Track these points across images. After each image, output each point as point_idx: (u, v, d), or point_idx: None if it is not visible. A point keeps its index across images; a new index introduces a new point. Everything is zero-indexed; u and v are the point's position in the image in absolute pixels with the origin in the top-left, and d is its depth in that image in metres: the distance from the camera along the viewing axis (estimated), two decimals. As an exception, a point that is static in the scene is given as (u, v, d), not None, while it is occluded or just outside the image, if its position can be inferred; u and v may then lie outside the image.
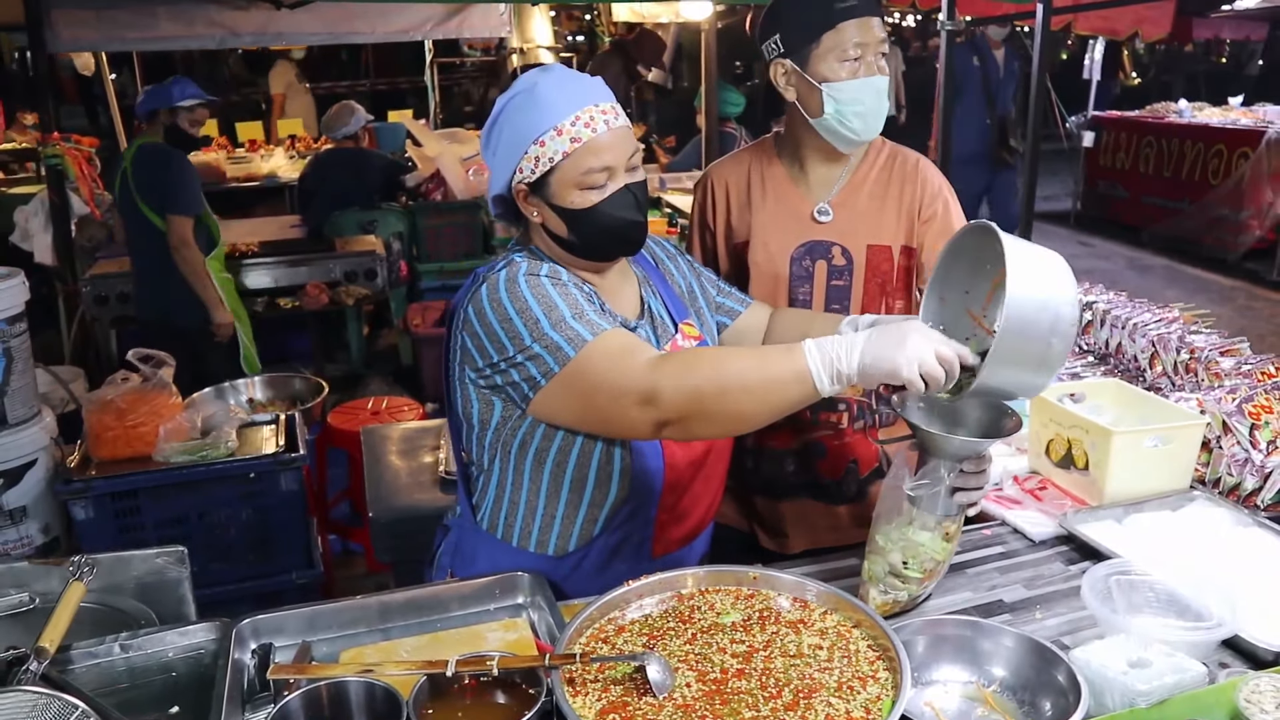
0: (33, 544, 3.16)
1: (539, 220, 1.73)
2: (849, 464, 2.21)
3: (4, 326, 3.04)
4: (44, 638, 1.51)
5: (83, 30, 5.82)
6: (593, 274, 1.80)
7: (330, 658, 1.62)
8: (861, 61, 1.94)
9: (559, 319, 1.58)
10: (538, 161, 1.65)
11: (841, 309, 2.10)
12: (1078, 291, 1.53)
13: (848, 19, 1.92)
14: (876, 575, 1.73)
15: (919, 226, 2.11)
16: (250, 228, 6.72)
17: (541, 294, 1.62)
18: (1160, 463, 2.18)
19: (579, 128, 1.63)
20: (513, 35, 8.35)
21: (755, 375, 1.46)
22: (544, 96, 1.65)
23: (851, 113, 1.96)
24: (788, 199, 2.13)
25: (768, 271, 2.11)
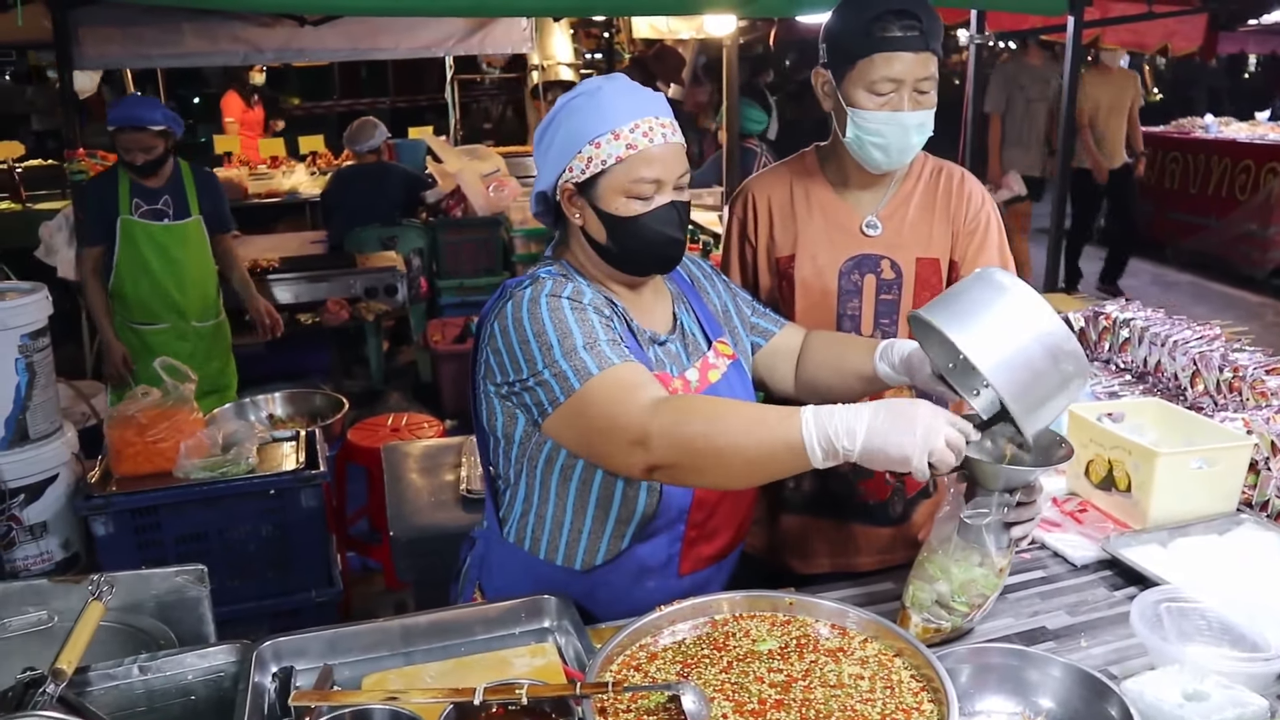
0: (53, 559, 3.14)
1: (579, 223, 1.72)
2: (896, 484, 2.15)
3: (26, 341, 3.02)
4: (61, 659, 1.47)
5: (108, 47, 5.86)
6: (624, 287, 1.78)
7: (352, 682, 1.57)
8: (896, 95, 1.88)
9: (571, 347, 1.57)
10: (590, 162, 1.64)
11: (891, 323, 2.07)
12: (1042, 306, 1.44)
13: (884, 51, 1.85)
14: (922, 603, 1.67)
15: (963, 239, 2.08)
16: (272, 243, 6.73)
17: (559, 319, 1.60)
18: (1206, 485, 2.12)
19: (637, 135, 1.63)
20: (533, 52, 8.37)
21: (748, 438, 1.42)
22: (606, 100, 1.66)
23: (870, 143, 1.93)
24: (834, 212, 2.08)
25: (815, 286, 2.07)
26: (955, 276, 2.09)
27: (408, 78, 14.60)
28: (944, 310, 1.46)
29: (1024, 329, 1.41)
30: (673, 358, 1.78)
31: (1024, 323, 1.42)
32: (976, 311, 1.44)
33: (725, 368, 1.82)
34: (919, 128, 1.92)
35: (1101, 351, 3.04)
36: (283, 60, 8.17)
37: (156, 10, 5.68)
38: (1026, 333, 1.41)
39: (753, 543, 2.22)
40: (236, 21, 5.91)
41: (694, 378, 1.77)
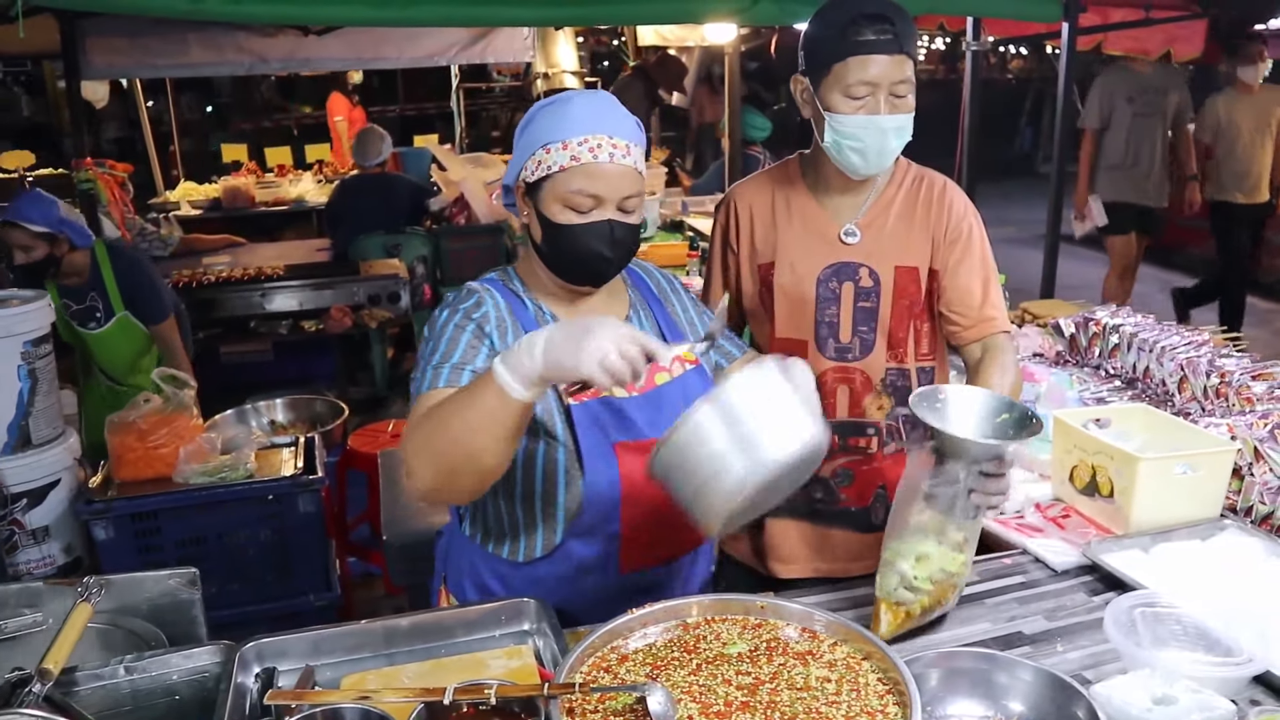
0: (55, 564, 3.18)
1: (524, 220, 1.82)
2: (878, 489, 2.16)
3: (29, 348, 3.07)
4: (48, 659, 1.50)
5: (116, 57, 5.93)
6: (567, 292, 1.82)
7: (333, 683, 1.60)
8: (872, 99, 1.90)
9: (435, 359, 1.69)
10: (539, 166, 1.72)
11: (869, 330, 2.08)
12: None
13: (859, 54, 1.87)
14: (887, 589, 1.71)
15: (943, 249, 2.08)
16: (277, 251, 6.79)
17: (442, 329, 1.73)
18: (1189, 490, 2.13)
19: (584, 149, 1.68)
20: (537, 60, 8.41)
21: (466, 409, 1.49)
22: (570, 111, 1.72)
23: (848, 147, 1.94)
24: (813, 220, 2.10)
25: (794, 294, 2.09)
26: (935, 285, 2.09)
27: (416, 86, 14.68)
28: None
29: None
30: None
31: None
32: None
33: (680, 371, 1.85)
34: (896, 131, 1.93)
35: (1091, 357, 3.05)
36: (288, 70, 8.24)
37: (163, 21, 5.74)
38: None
39: (736, 547, 2.25)
40: (241, 32, 5.97)
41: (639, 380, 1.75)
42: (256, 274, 5.79)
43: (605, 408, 1.77)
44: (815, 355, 2.09)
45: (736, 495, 1.37)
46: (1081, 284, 8.25)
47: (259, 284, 5.68)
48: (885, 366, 2.09)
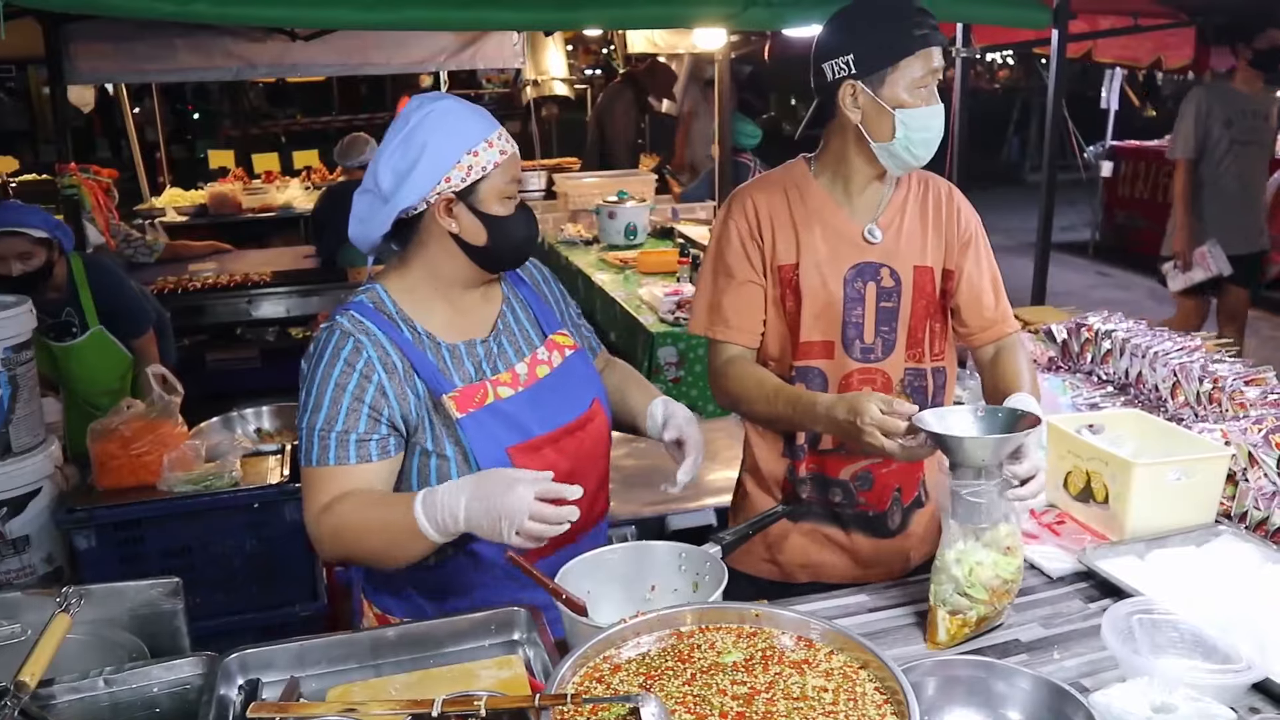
0: (35, 573, 3.13)
1: (454, 230, 1.80)
2: (895, 492, 2.15)
3: (9, 354, 3.03)
4: (24, 671, 1.47)
5: (101, 62, 5.90)
6: (458, 295, 1.89)
7: (319, 694, 1.56)
8: (928, 89, 1.95)
9: (321, 425, 1.74)
10: (470, 170, 1.76)
11: (890, 330, 2.07)
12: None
13: (926, 46, 1.92)
14: (943, 597, 1.72)
15: (957, 251, 2.11)
16: (264, 258, 6.75)
17: (321, 384, 1.75)
18: (1184, 496, 2.11)
19: (503, 143, 1.80)
20: (527, 67, 8.39)
21: (383, 536, 1.67)
22: (464, 114, 1.80)
23: (920, 139, 1.96)
24: (833, 220, 2.08)
25: (821, 295, 2.06)
26: (950, 286, 2.11)
27: (406, 93, 14.66)
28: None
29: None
30: (493, 356, 1.88)
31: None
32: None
33: (560, 360, 1.96)
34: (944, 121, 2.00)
35: (1084, 363, 3.04)
36: (275, 75, 8.24)
37: (149, 26, 5.71)
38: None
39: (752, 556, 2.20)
40: (229, 37, 5.95)
41: (523, 371, 1.90)
42: (243, 280, 5.76)
43: (493, 415, 1.81)
44: (842, 357, 2.08)
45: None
46: (1068, 291, 8.29)
47: (246, 290, 5.65)
48: (904, 367, 2.09)
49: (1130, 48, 6.40)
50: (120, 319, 4.06)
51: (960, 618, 1.73)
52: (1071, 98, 6.83)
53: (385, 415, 1.76)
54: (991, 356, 2.15)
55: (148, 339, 4.14)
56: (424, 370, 1.79)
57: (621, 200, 6.14)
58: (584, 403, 1.94)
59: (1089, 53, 6.35)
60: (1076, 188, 11.44)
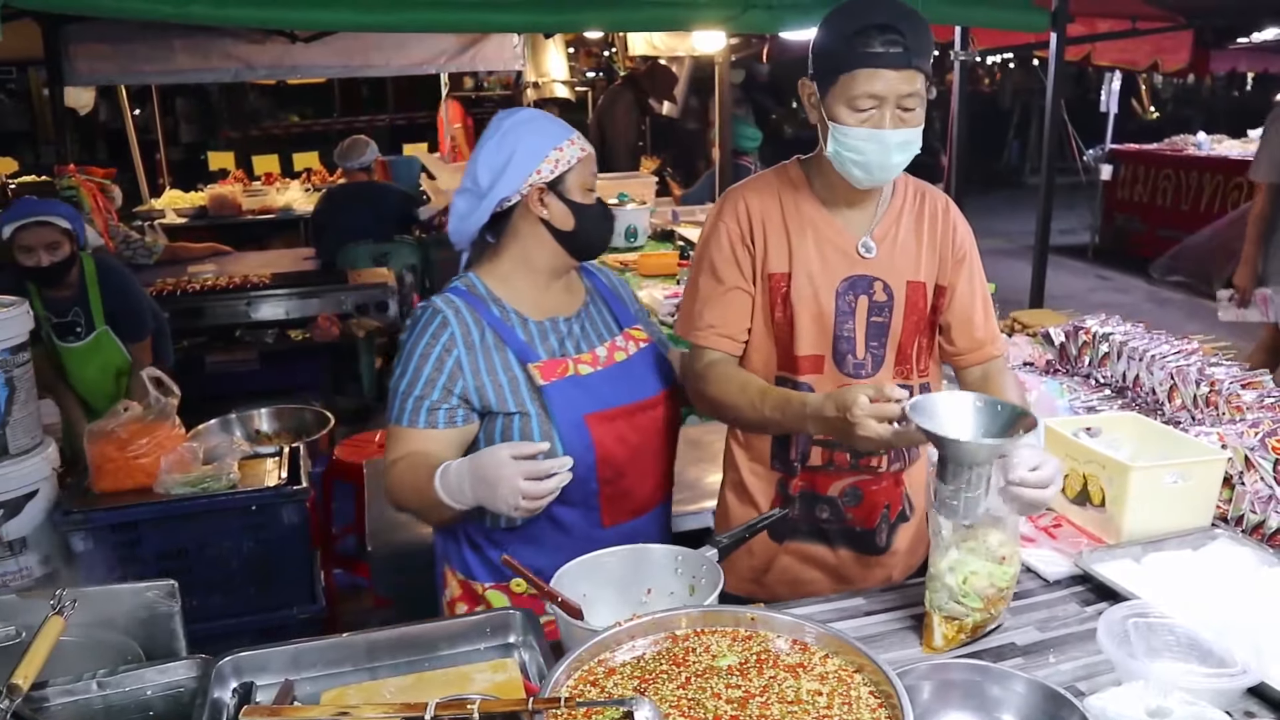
0: (32, 575, 3.12)
1: (545, 216, 2.00)
2: (883, 509, 2.11)
3: (7, 356, 3.02)
4: (17, 674, 1.46)
5: (100, 64, 5.91)
6: (545, 281, 2.09)
7: (313, 697, 1.56)
8: (877, 112, 1.82)
9: (404, 388, 1.98)
10: (557, 163, 1.99)
11: (879, 345, 2.02)
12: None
13: (866, 67, 1.79)
14: (938, 604, 1.72)
15: (951, 267, 2.06)
16: (264, 260, 6.74)
17: (410, 354, 1.98)
18: (1180, 499, 2.11)
19: (582, 142, 2.03)
20: (528, 69, 8.40)
21: (419, 499, 1.92)
22: (546, 119, 2.06)
23: (849, 160, 1.88)
24: (826, 230, 2.01)
25: (812, 307, 2.00)
26: (941, 303, 2.06)
27: (406, 95, 14.67)
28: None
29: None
30: (575, 337, 2.08)
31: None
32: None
33: (634, 350, 2.13)
34: (901, 146, 1.86)
35: (1081, 366, 3.04)
36: (275, 77, 8.23)
37: (149, 27, 5.72)
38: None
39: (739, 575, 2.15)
40: (228, 38, 5.96)
41: (602, 354, 2.09)
42: (243, 282, 5.76)
43: (573, 385, 2.00)
44: (832, 371, 2.02)
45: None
46: (1067, 294, 8.30)
47: (245, 292, 5.65)
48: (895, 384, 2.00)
49: (1128, 51, 6.41)
50: (124, 322, 4.10)
51: (956, 623, 1.73)
52: (1070, 101, 6.85)
53: (459, 389, 1.96)
54: (978, 379, 2.10)
55: (145, 345, 4.17)
56: (511, 342, 2.00)
57: (622, 202, 6.14)
58: (655, 389, 2.11)
59: (1088, 56, 6.35)
60: (1076, 191, 11.45)
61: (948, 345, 2.11)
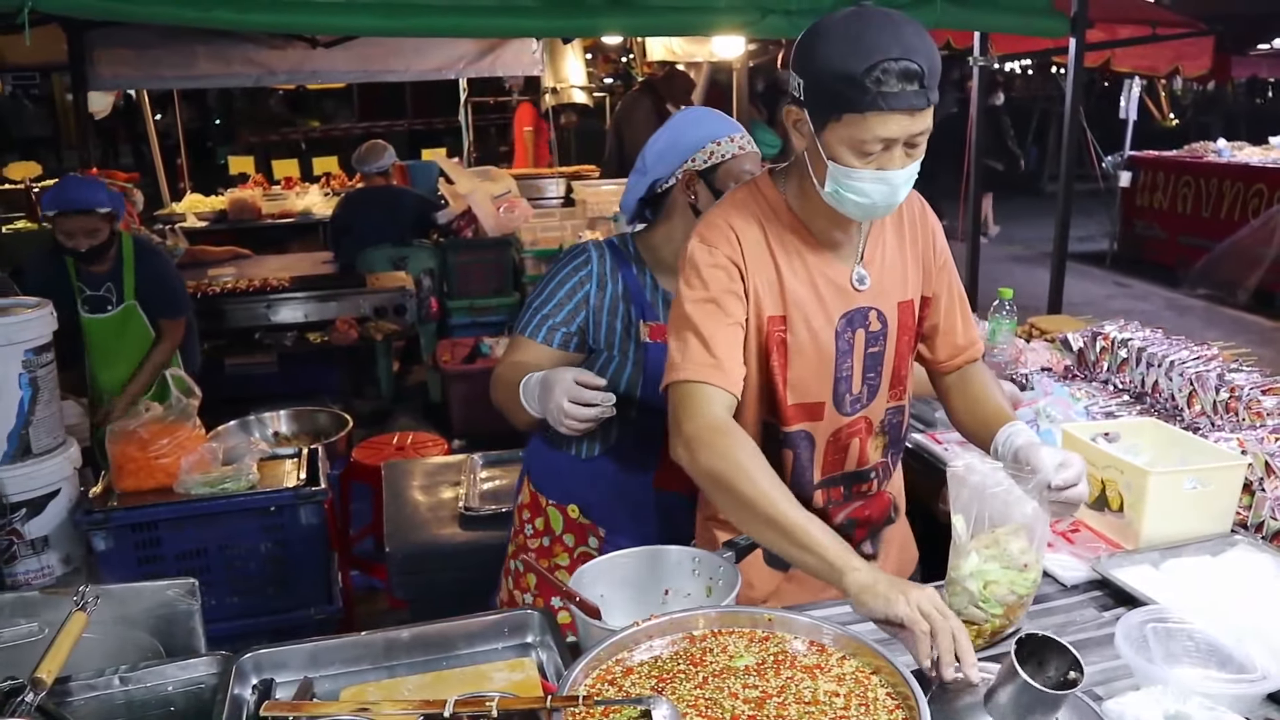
0: (53, 574, 3.15)
1: (692, 201, 2.18)
2: (870, 526, 2.08)
3: (30, 356, 3.05)
4: (41, 668, 1.48)
5: (123, 69, 5.96)
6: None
7: (332, 695, 1.58)
8: (886, 154, 1.62)
9: (537, 304, 2.24)
10: (712, 155, 2.16)
11: (875, 376, 1.91)
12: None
13: (880, 110, 1.56)
14: (957, 608, 1.70)
15: (934, 276, 1.97)
16: (283, 263, 6.78)
17: (551, 278, 2.25)
18: (1199, 505, 2.10)
19: (743, 140, 2.20)
20: (546, 75, 8.42)
21: (508, 396, 2.15)
22: (715, 116, 2.26)
23: (851, 201, 1.68)
24: (817, 266, 1.83)
25: (813, 352, 1.84)
26: (925, 313, 1.97)
27: (425, 101, 14.75)
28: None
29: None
30: None
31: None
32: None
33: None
34: (907, 183, 1.68)
35: (1100, 371, 3.03)
36: (295, 82, 8.28)
37: (171, 33, 5.77)
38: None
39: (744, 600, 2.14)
40: (249, 44, 6.00)
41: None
42: (262, 285, 5.79)
43: None
44: (832, 414, 1.89)
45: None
46: (1086, 301, 8.26)
47: (264, 295, 5.68)
48: (886, 407, 1.97)
49: (1148, 57, 6.38)
50: (156, 300, 4.22)
51: (974, 628, 1.72)
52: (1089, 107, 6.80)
53: (579, 319, 2.21)
54: (955, 382, 2.04)
55: (178, 324, 4.28)
56: (636, 296, 2.22)
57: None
58: None
59: (1107, 62, 6.33)
60: (1094, 198, 11.40)
61: (929, 354, 2.03)
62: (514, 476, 2.73)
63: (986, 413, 1.96)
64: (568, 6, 3.49)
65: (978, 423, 1.97)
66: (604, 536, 2.31)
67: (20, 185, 8.24)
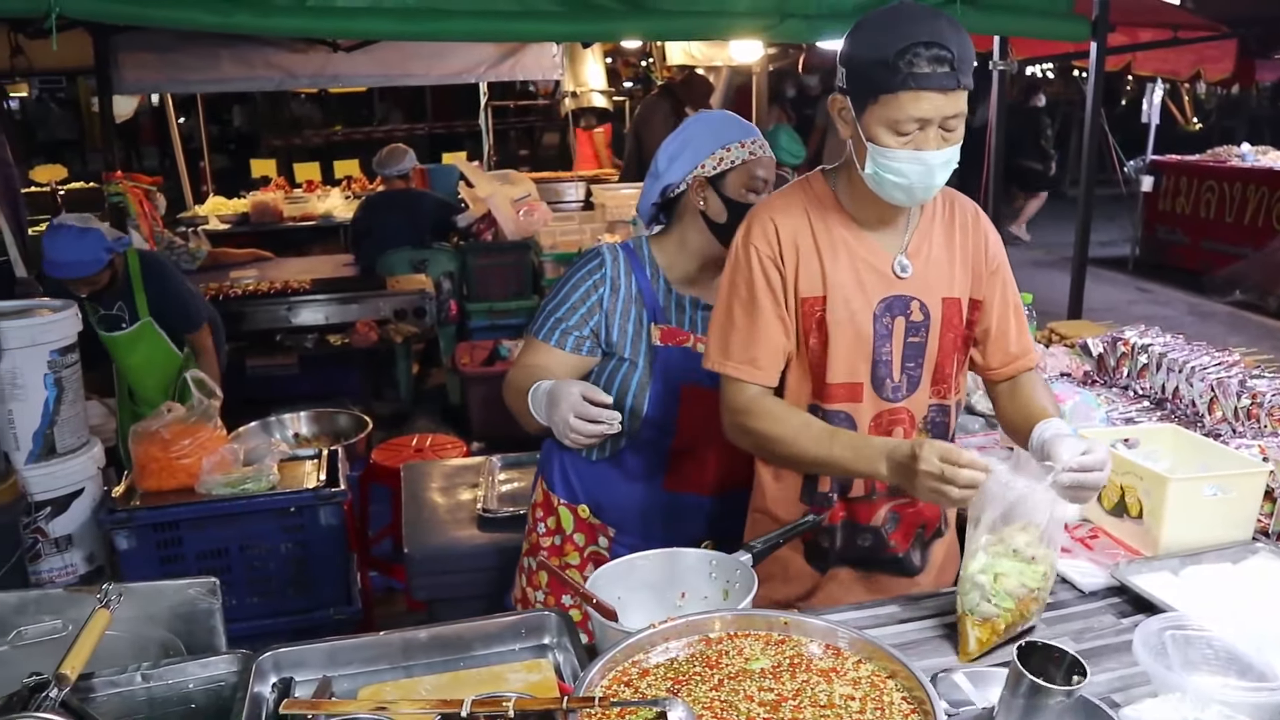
0: (76, 572, 3.20)
1: (702, 206, 2.21)
2: (918, 530, 2.09)
3: (55, 357, 3.10)
4: (65, 665, 1.50)
5: (147, 72, 6.02)
6: (696, 266, 2.27)
7: (350, 694, 1.59)
8: (921, 134, 1.74)
9: (550, 307, 2.26)
10: (721, 161, 2.18)
11: (916, 367, 1.95)
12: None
13: (912, 89, 1.69)
14: (969, 606, 1.71)
15: (985, 280, 2.01)
16: (304, 265, 6.82)
17: (566, 281, 2.27)
18: (1220, 512, 2.09)
19: (754, 146, 2.21)
20: (566, 79, 8.45)
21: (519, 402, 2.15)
22: (727, 121, 2.26)
23: (890, 181, 1.79)
24: (859, 250, 1.92)
25: (850, 331, 1.91)
26: (975, 317, 2.01)
27: (445, 105, 14.83)
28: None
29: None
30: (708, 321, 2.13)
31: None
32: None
33: None
34: (944, 166, 1.79)
35: (1120, 377, 3.01)
36: (317, 85, 8.34)
37: (195, 37, 5.82)
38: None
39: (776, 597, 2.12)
40: (271, 48, 6.05)
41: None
42: (283, 288, 5.83)
43: (685, 355, 2.21)
44: (871, 397, 1.95)
45: None
46: (1107, 306, 8.20)
47: (285, 298, 5.72)
48: (929, 404, 1.99)
49: (1170, 60, 6.33)
50: (171, 314, 4.16)
51: (989, 625, 1.72)
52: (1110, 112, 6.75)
53: (593, 322, 2.23)
54: (1007, 391, 2.07)
55: (203, 333, 4.23)
56: (649, 299, 2.25)
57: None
58: None
59: (1128, 65, 6.29)
60: (1117, 202, 11.33)
61: (980, 360, 2.06)
62: (532, 479, 2.74)
63: (1030, 412, 1.98)
64: (587, 11, 3.51)
65: (1021, 422, 1.99)
66: (614, 536, 2.32)
67: (46, 188, 8.33)
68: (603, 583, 1.73)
